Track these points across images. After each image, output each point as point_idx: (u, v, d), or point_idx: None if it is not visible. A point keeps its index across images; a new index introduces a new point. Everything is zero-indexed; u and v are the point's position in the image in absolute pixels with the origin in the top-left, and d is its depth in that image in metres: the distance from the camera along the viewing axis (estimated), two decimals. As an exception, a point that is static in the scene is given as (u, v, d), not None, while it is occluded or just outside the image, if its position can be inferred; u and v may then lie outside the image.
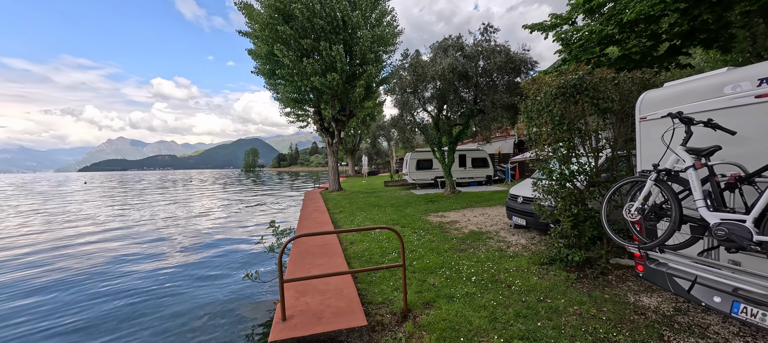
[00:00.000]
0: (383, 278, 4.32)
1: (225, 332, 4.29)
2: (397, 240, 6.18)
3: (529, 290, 3.76)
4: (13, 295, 5.64)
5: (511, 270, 4.41)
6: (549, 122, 4.20)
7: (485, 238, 6.21)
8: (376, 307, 3.58)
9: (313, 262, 4.91)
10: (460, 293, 3.74)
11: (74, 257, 7.92)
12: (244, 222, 12.55)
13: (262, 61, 15.81)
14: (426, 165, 18.27)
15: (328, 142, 17.91)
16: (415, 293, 3.83)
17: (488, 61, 12.21)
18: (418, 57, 13.16)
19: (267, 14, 13.80)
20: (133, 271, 6.76)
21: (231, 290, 5.67)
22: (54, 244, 9.30)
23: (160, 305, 5.13)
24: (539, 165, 4.63)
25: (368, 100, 18.69)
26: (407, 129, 14.56)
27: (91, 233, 10.71)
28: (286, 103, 18.32)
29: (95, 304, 5.19)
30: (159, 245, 8.93)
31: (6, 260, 7.79)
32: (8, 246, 9.16)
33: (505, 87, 12.49)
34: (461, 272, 4.43)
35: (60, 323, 4.61)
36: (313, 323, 3.04)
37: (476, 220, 8.09)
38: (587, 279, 4.01)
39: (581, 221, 4.18)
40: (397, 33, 16.62)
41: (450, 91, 12.47)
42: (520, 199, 6.38)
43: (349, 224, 8.46)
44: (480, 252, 5.31)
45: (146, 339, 4.14)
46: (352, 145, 42.90)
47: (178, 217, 14.02)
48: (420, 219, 8.46)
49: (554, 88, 4.12)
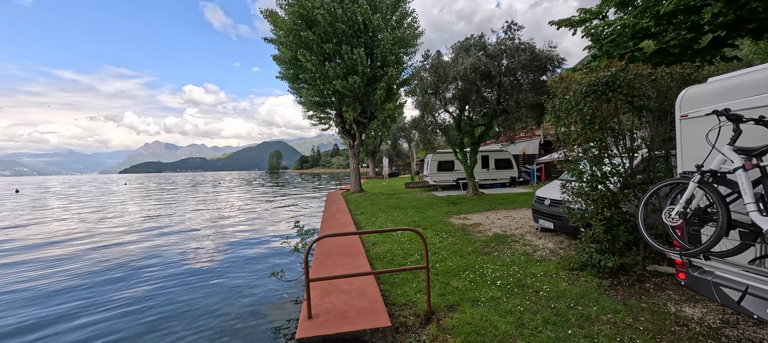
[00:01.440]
0: (406, 280, 4.32)
1: (252, 328, 4.45)
2: (418, 242, 6.15)
3: (559, 296, 3.63)
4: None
5: (539, 275, 4.27)
6: (579, 122, 4.04)
7: (510, 241, 6.05)
8: (399, 308, 3.59)
9: (337, 262, 5.00)
10: (484, 297, 3.67)
11: (113, 252, 8.54)
12: (270, 222, 12.96)
13: (286, 66, 16.30)
14: (447, 166, 18.04)
15: (350, 144, 18.14)
16: (439, 295, 3.80)
17: (512, 59, 11.90)
18: (440, 57, 13.05)
19: (291, 21, 14.22)
20: (162, 266, 7.18)
21: (257, 287, 5.87)
22: (104, 237, 10.07)
23: (191, 303, 5.40)
24: (568, 166, 4.45)
25: (389, 102, 18.77)
26: (428, 130, 14.48)
27: (128, 232, 11.49)
28: (308, 107, 18.76)
29: (141, 287, 5.57)
30: (190, 242, 9.42)
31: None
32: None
33: (530, 86, 12.11)
34: (485, 275, 4.35)
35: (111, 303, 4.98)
36: (338, 322, 3.09)
37: (500, 223, 7.90)
38: (622, 286, 3.81)
39: (615, 225, 3.97)
40: (418, 34, 16.58)
41: (472, 91, 12.26)
42: (547, 201, 6.15)
43: (371, 226, 8.52)
44: (505, 256, 5.18)
45: (179, 332, 4.37)
46: (372, 147, 43.20)
47: (210, 217, 14.72)
48: (442, 221, 8.37)
49: (584, 86, 3.96)
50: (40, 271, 7.15)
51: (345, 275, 3.30)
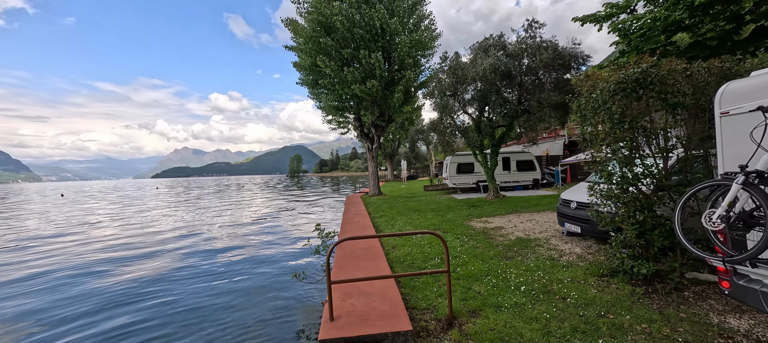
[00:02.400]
0: (427, 284, 4.29)
1: (275, 328, 4.56)
2: (439, 246, 6.09)
3: (588, 303, 3.47)
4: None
5: (566, 281, 4.11)
6: (607, 121, 3.87)
7: (534, 245, 5.86)
8: (420, 312, 3.56)
9: (357, 264, 5.04)
10: (508, 303, 3.58)
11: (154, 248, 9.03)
12: (291, 223, 13.26)
13: (305, 72, 16.70)
14: (467, 169, 17.77)
15: (368, 147, 18.27)
16: (460, 300, 3.74)
17: (533, 58, 11.59)
18: (458, 59, 12.93)
19: (310, 28, 14.57)
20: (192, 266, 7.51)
21: (280, 288, 6.01)
22: (134, 237, 10.69)
23: (217, 300, 5.61)
24: (595, 167, 4.28)
25: (407, 105, 18.77)
26: (447, 132, 14.33)
27: (165, 231, 12.11)
28: (328, 111, 19.09)
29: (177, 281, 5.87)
30: (215, 242, 9.80)
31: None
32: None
33: (553, 85, 11.74)
34: (509, 280, 4.24)
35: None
36: (359, 324, 3.12)
37: (523, 226, 7.67)
38: (657, 294, 3.60)
39: (648, 229, 3.77)
40: (435, 36, 16.52)
41: (492, 92, 12.04)
42: (573, 204, 5.92)
43: (390, 229, 8.52)
44: (529, 260, 5.03)
45: (204, 328, 4.56)
46: (390, 150, 43.28)
47: (235, 219, 15.26)
48: (462, 224, 8.24)
49: (612, 84, 3.80)
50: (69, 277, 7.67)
51: (366, 278, 3.32)
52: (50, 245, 10.56)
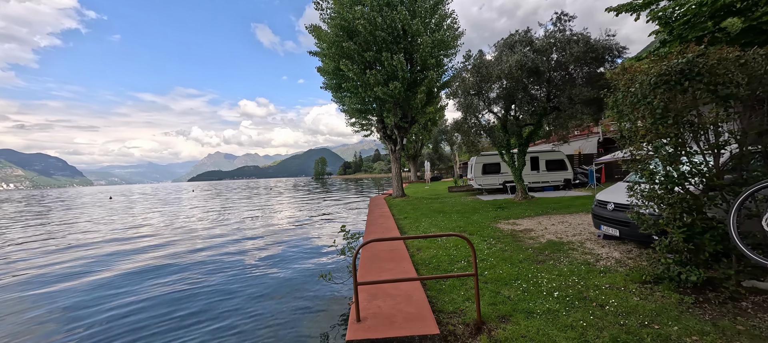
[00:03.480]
0: (453, 287, 4.21)
1: (302, 327, 4.67)
2: (465, 248, 5.97)
3: (629, 311, 3.25)
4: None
5: (603, 287, 3.87)
6: (648, 116, 3.61)
7: (567, 249, 5.58)
8: (447, 316, 3.50)
9: (382, 266, 5.05)
10: (540, 309, 3.42)
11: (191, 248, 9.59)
12: (317, 225, 13.55)
13: (329, 76, 17.03)
14: (493, 169, 17.28)
15: (391, 149, 18.29)
16: (489, 304, 3.64)
17: (563, 53, 11.08)
18: (482, 57, 12.63)
19: (333, 33, 14.87)
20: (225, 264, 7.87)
21: (307, 288, 6.15)
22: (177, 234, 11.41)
23: (246, 299, 5.84)
24: (635, 166, 4.00)
25: (430, 106, 18.60)
26: (471, 132, 14.02)
27: (200, 231, 12.83)
28: (351, 114, 19.35)
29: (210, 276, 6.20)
30: (245, 242, 10.22)
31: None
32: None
33: (585, 79, 11.16)
34: (540, 285, 4.06)
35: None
36: (386, 326, 3.11)
37: (554, 228, 7.33)
38: (709, 304, 3.30)
39: (698, 232, 3.47)
40: (458, 35, 16.26)
41: (518, 89, 11.64)
42: (610, 206, 5.58)
43: (414, 230, 8.46)
44: (562, 264, 4.79)
45: (239, 326, 4.75)
46: (413, 151, 43.07)
47: (264, 220, 15.86)
48: (489, 226, 8.02)
49: (653, 76, 3.55)
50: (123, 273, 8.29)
51: (392, 280, 3.32)
52: (104, 248, 11.52)
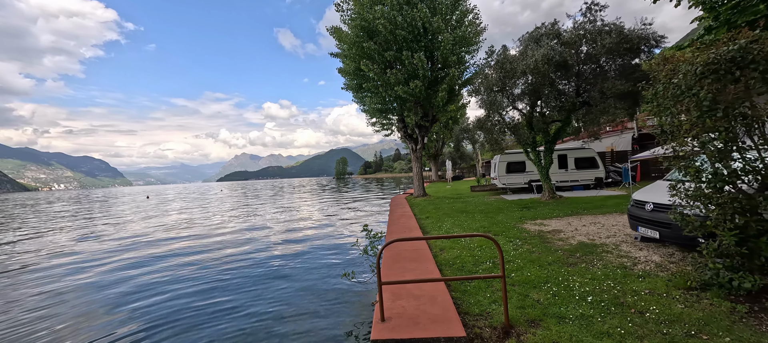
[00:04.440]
0: (479, 289, 4.10)
1: (327, 324, 4.73)
2: (489, 249, 5.81)
3: (673, 320, 3.02)
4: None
5: (643, 293, 3.62)
6: (693, 109, 3.35)
7: (600, 251, 5.29)
8: (473, 318, 3.42)
9: (405, 266, 5.02)
10: (573, 314, 3.26)
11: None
12: (340, 224, 13.74)
13: (349, 77, 17.18)
14: (518, 168, 16.74)
15: (412, 148, 18.19)
16: (517, 307, 3.51)
17: (594, 44, 10.54)
18: (506, 52, 12.27)
19: (353, 34, 14.98)
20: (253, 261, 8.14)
21: (330, 286, 6.24)
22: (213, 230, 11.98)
23: (274, 295, 6.00)
24: (678, 163, 3.72)
25: (451, 104, 18.30)
26: (495, 130, 13.65)
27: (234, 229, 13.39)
28: (371, 114, 19.41)
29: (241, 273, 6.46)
30: (270, 239, 10.53)
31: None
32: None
33: (619, 72, 10.56)
34: (572, 289, 3.87)
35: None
36: (410, 327, 3.09)
37: (586, 230, 6.98)
38: (766, 314, 3.00)
39: (752, 235, 3.17)
40: (480, 31, 15.87)
41: (545, 84, 11.20)
42: (649, 206, 5.22)
43: (437, 230, 8.35)
44: (595, 268, 4.54)
45: (266, 320, 4.89)
46: (434, 150, 42.60)
47: (288, 219, 16.29)
48: (514, 227, 7.77)
49: (699, 66, 3.28)
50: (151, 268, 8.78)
51: (416, 280, 3.28)
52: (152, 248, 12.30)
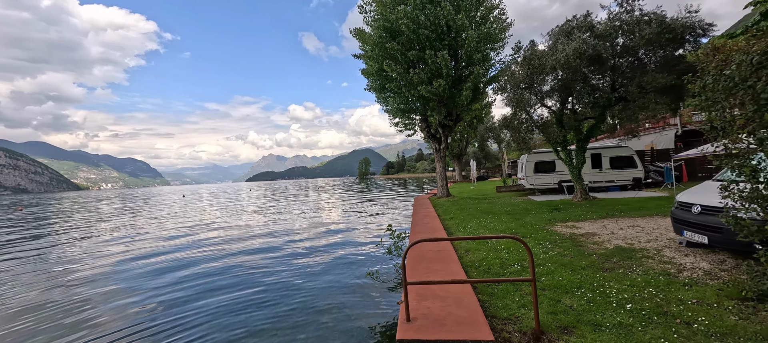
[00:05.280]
0: (506, 292, 3.98)
1: (352, 322, 4.79)
2: (517, 251, 5.63)
3: (725, 332, 2.77)
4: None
5: (689, 302, 3.36)
6: (749, 102, 3.05)
7: (640, 257, 4.96)
8: (501, 322, 3.32)
9: (430, 267, 4.97)
10: (610, 322, 3.08)
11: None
12: (364, 223, 13.87)
13: (372, 78, 17.30)
14: (547, 167, 16.06)
15: (436, 148, 17.99)
16: (548, 313, 3.37)
17: (631, 36, 9.90)
18: (533, 47, 11.81)
19: (376, 35, 15.06)
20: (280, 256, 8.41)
21: (355, 285, 6.31)
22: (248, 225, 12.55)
23: (298, 294, 6.17)
24: (731, 162, 3.41)
25: (476, 103, 17.92)
26: (522, 129, 13.19)
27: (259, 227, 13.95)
28: (394, 114, 19.40)
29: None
30: (296, 238, 10.82)
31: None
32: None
33: (660, 64, 9.83)
34: (608, 295, 3.66)
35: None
36: (436, 328, 3.06)
37: (623, 233, 6.57)
38: (841, 330, 2.67)
39: (822, 242, 2.83)
40: (506, 27, 15.41)
41: (576, 80, 10.67)
42: (696, 208, 4.82)
43: (461, 231, 8.21)
44: (634, 274, 4.27)
45: (295, 318, 5.04)
46: (458, 150, 41.89)
47: (313, 217, 16.69)
48: (544, 229, 7.47)
49: (756, 55, 2.99)
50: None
51: (442, 281, 3.25)
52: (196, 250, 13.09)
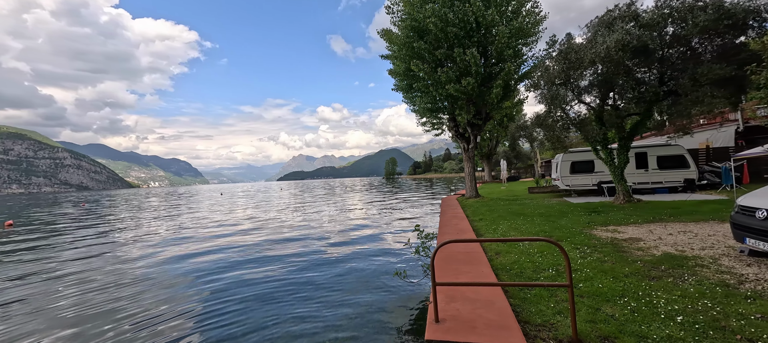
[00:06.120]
0: (540, 297, 3.83)
1: (379, 322, 4.84)
2: (551, 255, 5.38)
3: (797, 352, 2.47)
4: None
5: (752, 317, 3.03)
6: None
7: (693, 265, 4.54)
8: (535, 328, 3.20)
9: (459, 269, 4.90)
10: (657, 335, 2.86)
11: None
12: (390, 223, 13.93)
13: (400, 78, 17.28)
14: (584, 168, 15.14)
15: (464, 147, 17.62)
16: (586, 321, 3.19)
17: (682, 24, 9.08)
18: (570, 41, 11.20)
19: (404, 35, 15.04)
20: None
21: (383, 284, 6.37)
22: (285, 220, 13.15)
23: (327, 293, 6.33)
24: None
25: (506, 100, 17.32)
26: (557, 127, 12.54)
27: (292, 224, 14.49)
28: (421, 114, 19.25)
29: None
30: (324, 236, 11.10)
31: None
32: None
33: (717, 54, 8.95)
34: (656, 305, 3.39)
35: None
36: (466, 330, 3.01)
37: (673, 239, 6.05)
38: None
39: None
40: (540, 20, 14.74)
41: (619, 73, 9.96)
42: (761, 213, 4.33)
43: (491, 233, 7.97)
44: (686, 283, 3.92)
45: (322, 315, 5.18)
46: (488, 150, 40.70)
47: (341, 217, 17.04)
48: (581, 233, 7.06)
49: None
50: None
51: (472, 283, 3.19)
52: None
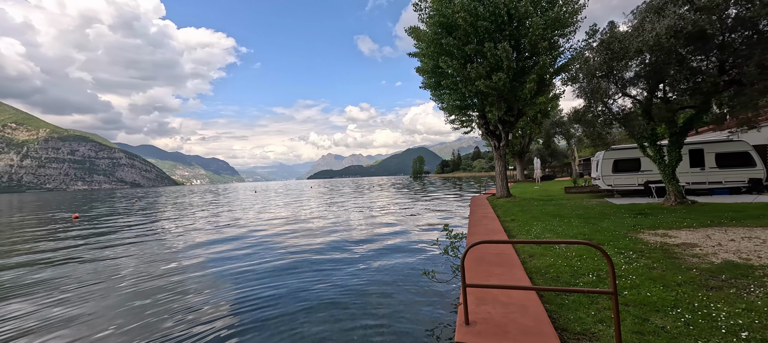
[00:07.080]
0: (579, 304, 3.61)
1: (408, 321, 4.82)
2: (591, 259, 5.06)
3: None
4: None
5: (839, 337, 2.64)
6: None
7: (760, 275, 4.05)
8: (573, 337, 3.03)
9: (490, 271, 4.76)
10: (717, 350, 2.59)
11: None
12: (418, 223, 13.84)
13: (427, 75, 17.08)
14: (629, 166, 14.04)
15: (495, 145, 17.06)
16: (633, 332, 2.96)
17: (748, 5, 8.11)
18: (613, 30, 10.41)
19: (431, 31, 14.84)
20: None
21: (411, 284, 6.33)
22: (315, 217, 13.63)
23: (356, 289, 6.41)
24: None
25: (540, 96, 16.51)
26: (597, 122, 11.72)
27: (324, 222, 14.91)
28: (450, 111, 18.91)
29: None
30: (352, 234, 11.26)
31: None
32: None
33: (792, 37, 7.85)
34: (715, 319, 3.07)
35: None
36: (498, 335, 2.92)
37: (736, 246, 5.43)
38: None
39: None
40: (578, 9, 13.83)
41: (670, 63, 9.11)
42: None
43: (524, 235, 7.65)
44: (752, 296, 3.51)
45: (351, 312, 5.26)
46: (520, 147, 39.11)
47: (368, 215, 17.22)
48: (626, 237, 6.55)
49: None
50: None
51: (505, 286, 3.08)
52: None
